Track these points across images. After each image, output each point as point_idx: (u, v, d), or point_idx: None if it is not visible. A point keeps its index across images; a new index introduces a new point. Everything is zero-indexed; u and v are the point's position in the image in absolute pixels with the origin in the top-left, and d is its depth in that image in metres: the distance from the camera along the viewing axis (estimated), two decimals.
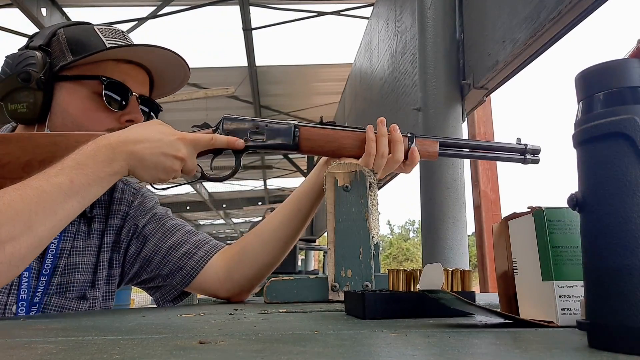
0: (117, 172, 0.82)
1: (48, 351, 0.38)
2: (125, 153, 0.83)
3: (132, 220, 1.06)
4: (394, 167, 0.99)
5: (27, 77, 0.89)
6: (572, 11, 1.25)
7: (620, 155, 0.34)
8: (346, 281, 0.90)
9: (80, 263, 0.98)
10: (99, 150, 0.81)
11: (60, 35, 0.94)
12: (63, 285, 0.96)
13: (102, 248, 1.02)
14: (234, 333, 0.48)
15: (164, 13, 4.12)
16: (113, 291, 1.04)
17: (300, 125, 1.00)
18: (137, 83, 0.97)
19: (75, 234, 0.99)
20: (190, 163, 0.90)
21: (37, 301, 0.92)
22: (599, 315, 0.35)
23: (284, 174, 9.11)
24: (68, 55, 0.92)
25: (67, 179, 0.77)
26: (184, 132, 0.91)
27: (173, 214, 1.12)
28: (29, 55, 0.90)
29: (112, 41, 0.95)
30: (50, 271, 0.94)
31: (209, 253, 1.04)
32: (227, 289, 1.05)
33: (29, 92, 0.90)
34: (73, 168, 0.78)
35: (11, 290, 0.90)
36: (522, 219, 0.53)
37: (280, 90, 5.75)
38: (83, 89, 0.93)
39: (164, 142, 0.86)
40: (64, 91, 0.93)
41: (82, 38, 0.94)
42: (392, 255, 29.33)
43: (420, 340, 0.42)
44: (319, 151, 1.01)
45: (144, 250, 1.05)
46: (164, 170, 0.86)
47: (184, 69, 1.00)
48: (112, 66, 0.94)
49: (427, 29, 1.90)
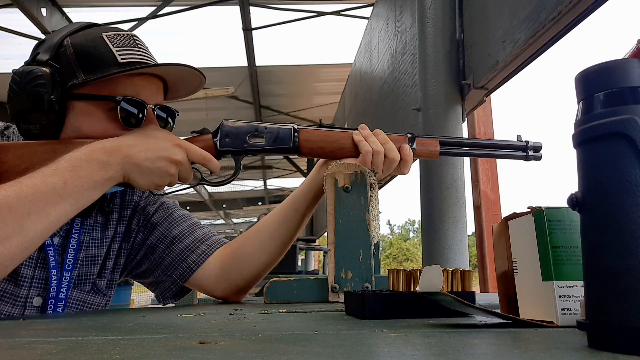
0: (111, 177, 0.81)
1: (48, 351, 0.38)
2: (120, 157, 0.82)
3: (142, 210, 1.07)
4: (392, 166, 0.99)
5: (37, 98, 0.85)
6: (572, 11, 1.25)
7: (620, 155, 0.34)
8: (346, 282, 0.90)
9: (97, 255, 1.00)
10: (93, 154, 0.81)
11: (67, 49, 0.89)
12: (81, 278, 0.97)
13: (114, 238, 1.03)
14: (234, 333, 0.48)
15: (164, 13, 4.11)
16: (115, 280, 1.05)
17: (299, 127, 0.99)
18: (152, 93, 0.94)
19: (94, 226, 0.99)
20: (186, 168, 0.89)
21: (63, 297, 0.93)
22: (599, 315, 0.35)
23: (284, 174, 9.10)
24: (79, 72, 0.88)
25: (61, 180, 0.76)
26: (180, 138, 0.90)
27: None
28: (37, 73, 0.86)
29: (122, 51, 0.90)
30: (72, 265, 0.95)
31: (211, 248, 1.05)
32: (224, 288, 1.05)
33: (40, 113, 0.86)
34: (67, 170, 0.78)
35: (32, 284, 0.90)
36: (522, 219, 0.53)
37: (280, 91, 5.74)
38: (97, 110, 0.89)
39: (160, 147, 0.86)
40: (77, 110, 0.89)
41: (91, 51, 0.89)
42: (392, 255, 29.33)
43: (420, 340, 0.42)
44: (319, 152, 1.00)
45: (150, 238, 1.05)
46: (159, 175, 0.85)
47: (199, 78, 0.96)
48: (125, 81, 0.90)
49: (427, 29, 1.90)
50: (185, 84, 0.99)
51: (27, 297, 0.90)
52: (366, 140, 0.97)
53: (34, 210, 0.73)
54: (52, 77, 0.86)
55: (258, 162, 8.30)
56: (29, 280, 0.90)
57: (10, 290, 0.88)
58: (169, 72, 0.94)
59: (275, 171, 9.02)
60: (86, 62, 0.88)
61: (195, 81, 0.97)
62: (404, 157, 0.99)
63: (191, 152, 0.90)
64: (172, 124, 1.00)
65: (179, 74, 0.95)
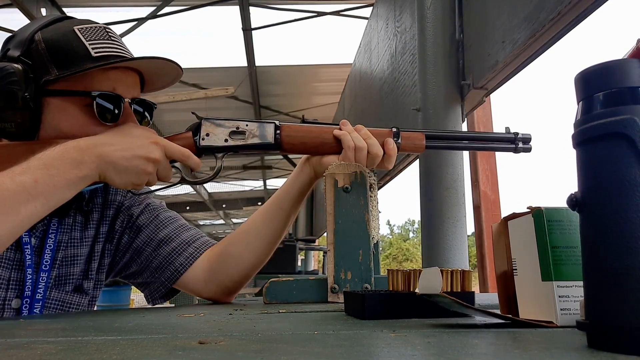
0: (86, 175, 0.80)
1: (47, 351, 0.38)
2: (95, 155, 0.80)
3: (127, 210, 1.05)
4: (375, 162, 0.97)
5: (10, 96, 0.83)
6: (571, 11, 1.25)
7: (620, 155, 0.34)
8: (346, 283, 0.90)
9: (77, 255, 0.98)
10: (66, 152, 0.79)
11: (39, 44, 0.86)
12: (61, 278, 0.95)
13: (97, 238, 1.01)
14: (234, 333, 0.48)
15: (164, 13, 4.11)
16: (102, 280, 1.04)
17: (282, 123, 0.98)
18: (128, 87, 0.92)
19: (72, 226, 0.98)
20: (165, 166, 0.88)
21: (40, 297, 0.92)
22: (599, 316, 0.35)
23: (284, 174, 9.09)
24: (51, 68, 0.85)
25: (31, 179, 0.74)
26: (158, 136, 0.89)
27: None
28: (8, 70, 0.83)
29: (95, 44, 0.88)
30: (49, 266, 0.93)
31: (198, 250, 1.04)
32: (212, 290, 1.04)
33: (14, 111, 0.83)
34: (38, 168, 0.76)
35: (9, 285, 0.89)
36: (522, 219, 0.53)
37: (280, 91, 5.74)
38: (73, 106, 0.87)
39: (136, 144, 0.84)
40: (52, 107, 0.87)
41: (64, 45, 0.87)
42: (391, 255, 29.32)
43: (420, 341, 0.42)
44: (301, 148, 0.99)
45: (137, 241, 1.04)
46: (136, 173, 0.84)
47: (176, 70, 0.94)
48: (99, 75, 0.88)
49: (426, 29, 1.89)
50: (161, 76, 0.97)
51: (5, 300, 0.88)
52: (350, 136, 0.96)
53: (3, 209, 0.71)
54: (24, 74, 0.84)
55: (258, 162, 8.29)
56: (5, 282, 0.88)
57: None
58: (144, 64, 0.93)
59: (275, 171, 9.01)
60: (59, 57, 0.86)
61: (172, 73, 0.96)
62: (387, 152, 0.98)
63: (169, 149, 0.88)
64: (150, 118, 0.98)
65: (155, 66, 0.93)
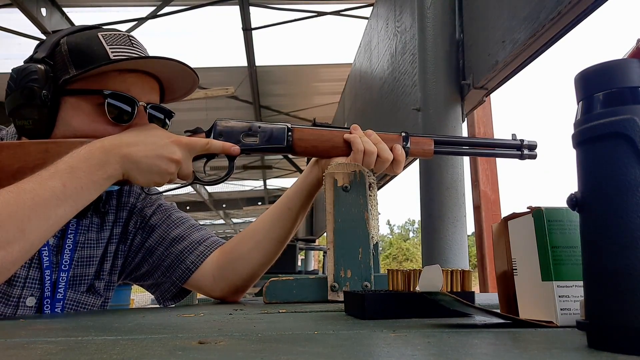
0: (110, 175, 0.82)
1: (48, 351, 0.38)
2: (119, 156, 0.82)
3: (139, 212, 1.07)
4: (384, 166, 0.99)
5: (30, 93, 0.86)
6: (571, 11, 1.25)
7: (620, 155, 0.34)
8: (346, 281, 0.90)
9: (93, 256, 0.99)
10: (92, 154, 0.81)
11: (62, 46, 0.90)
12: (77, 278, 0.97)
13: (110, 239, 1.03)
14: (234, 333, 0.48)
15: (164, 13, 4.11)
16: (114, 282, 1.05)
17: (293, 126, 0.99)
18: (144, 91, 0.93)
19: (89, 227, 0.99)
20: (186, 166, 0.90)
21: (61, 297, 0.93)
22: (599, 315, 0.35)
23: (284, 174, 9.10)
24: (71, 68, 0.88)
25: (60, 183, 0.76)
26: (179, 135, 0.91)
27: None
28: (31, 69, 0.87)
29: (116, 49, 0.90)
30: (69, 266, 0.95)
31: (209, 249, 1.05)
32: (221, 288, 1.06)
33: (32, 108, 0.87)
34: (66, 171, 0.78)
35: (26, 284, 0.90)
36: (522, 219, 0.53)
37: (280, 91, 5.74)
38: (86, 104, 0.89)
39: (159, 144, 0.86)
40: (68, 105, 0.89)
41: (85, 48, 0.90)
42: (391, 255, 29.33)
43: (420, 341, 0.42)
44: (313, 151, 1.01)
45: (149, 241, 1.06)
46: (159, 173, 0.85)
47: (192, 76, 0.95)
48: (115, 77, 0.90)
49: (426, 29, 1.89)
50: (180, 84, 0.98)
51: (20, 297, 0.90)
52: (361, 139, 0.97)
53: (35, 214, 0.73)
54: (45, 73, 0.87)
55: (258, 162, 8.29)
56: (22, 280, 0.90)
57: (3, 290, 0.89)
58: (157, 67, 0.93)
59: (275, 171, 9.02)
60: (78, 58, 0.89)
61: (189, 80, 0.97)
62: (396, 157, 0.99)
63: (196, 146, 0.90)
64: (168, 125, 1.00)
65: (171, 72, 0.94)
